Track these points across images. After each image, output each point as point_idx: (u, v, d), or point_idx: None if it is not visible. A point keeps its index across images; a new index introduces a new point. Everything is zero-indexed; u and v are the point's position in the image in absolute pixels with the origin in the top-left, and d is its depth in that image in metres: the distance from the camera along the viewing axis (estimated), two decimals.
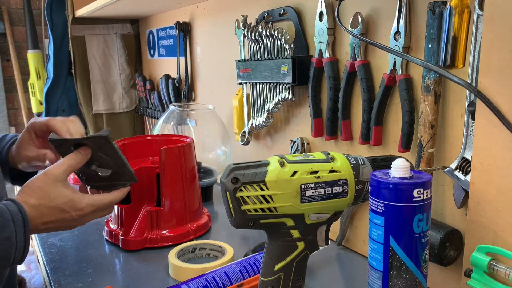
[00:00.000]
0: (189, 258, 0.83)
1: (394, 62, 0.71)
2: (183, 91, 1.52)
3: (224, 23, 1.23)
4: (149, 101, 1.76)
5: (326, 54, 0.83)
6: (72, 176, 1.35)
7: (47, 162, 0.83)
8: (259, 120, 1.03)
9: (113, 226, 0.92)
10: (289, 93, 0.92)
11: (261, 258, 0.64)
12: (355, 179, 0.54)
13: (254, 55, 1.01)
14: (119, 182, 0.80)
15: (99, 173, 0.78)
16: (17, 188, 1.05)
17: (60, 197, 0.70)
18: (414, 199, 0.49)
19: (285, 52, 0.91)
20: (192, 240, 0.89)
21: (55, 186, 0.70)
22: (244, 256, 0.78)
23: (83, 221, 0.74)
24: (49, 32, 1.81)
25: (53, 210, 0.70)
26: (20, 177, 0.90)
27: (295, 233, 0.54)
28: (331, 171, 0.53)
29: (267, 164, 0.52)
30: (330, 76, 0.83)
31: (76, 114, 1.82)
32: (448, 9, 0.58)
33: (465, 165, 0.62)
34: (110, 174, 0.78)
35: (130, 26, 1.90)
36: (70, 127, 0.81)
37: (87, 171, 0.78)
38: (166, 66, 1.68)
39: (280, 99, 0.95)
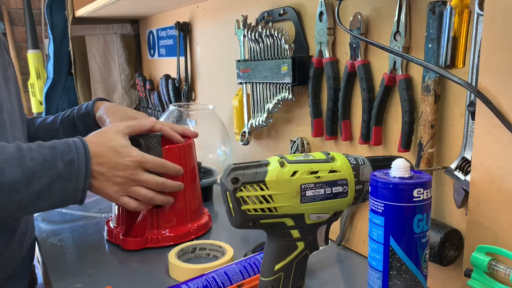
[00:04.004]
0: (189, 258, 0.83)
1: (394, 62, 0.71)
2: (183, 91, 1.52)
3: (224, 23, 1.23)
4: (149, 101, 1.76)
5: (326, 54, 0.83)
6: None
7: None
8: (259, 120, 1.03)
9: (113, 226, 0.92)
10: (289, 93, 0.92)
11: (261, 258, 0.64)
12: (355, 179, 0.54)
13: (254, 55, 1.01)
14: None
15: None
16: None
17: (118, 140, 0.77)
18: (414, 199, 0.49)
19: (285, 52, 0.91)
20: (192, 240, 0.89)
21: (116, 133, 0.79)
22: (244, 256, 0.78)
23: (130, 173, 0.77)
24: (49, 32, 1.81)
25: (110, 149, 0.76)
26: None
27: (295, 233, 0.54)
28: (331, 171, 0.53)
29: (267, 164, 0.52)
30: (330, 76, 0.83)
31: None
32: (448, 9, 0.58)
33: (465, 165, 0.62)
34: None
35: (130, 26, 1.90)
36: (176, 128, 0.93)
37: None
38: (166, 66, 1.68)
39: (280, 99, 0.95)
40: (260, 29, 0.96)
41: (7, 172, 0.66)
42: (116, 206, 0.91)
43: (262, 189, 0.51)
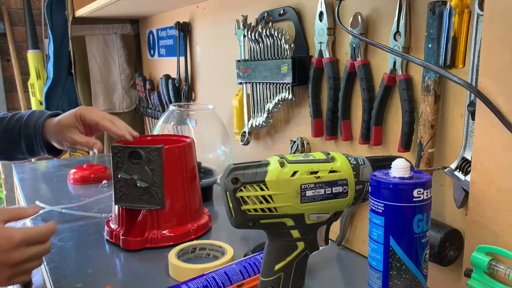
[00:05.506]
0: (189, 258, 0.83)
1: (394, 62, 0.71)
2: (183, 91, 1.52)
3: (224, 23, 1.23)
4: (149, 101, 1.76)
5: (326, 54, 0.83)
6: (72, 176, 1.35)
7: (95, 150, 0.92)
8: (259, 120, 1.03)
9: (113, 226, 0.92)
10: (289, 93, 0.92)
11: (261, 258, 0.64)
12: (355, 179, 0.54)
13: (254, 55, 1.01)
14: (147, 202, 0.87)
15: (138, 184, 0.85)
16: None
17: None
18: (414, 199, 0.49)
19: (285, 52, 0.91)
20: (192, 240, 0.89)
21: None
22: (244, 256, 0.78)
23: (11, 255, 0.66)
24: (49, 32, 1.82)
25: None
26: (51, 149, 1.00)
27: (295, 233, 0.54)
28: (331, 171, 0.53)
29: (267, 164, 0.52)
30: (330, 76, 0.83)
31: None
32: (448, 9, 0.58)
33: (465, 165, 0.62)
34: (145, 189, 0.86)
35: (130, 26, 1.90)
36: (118, 125, 0.94)
37: (128, 179, 0.86)
38: (166, 66, 1.68)
39: (280, 99, 0.95)
40: (260, 29, 0.96)
41: None
42: (116, 206, 0.91)
43: (262, 189, 0.51)
